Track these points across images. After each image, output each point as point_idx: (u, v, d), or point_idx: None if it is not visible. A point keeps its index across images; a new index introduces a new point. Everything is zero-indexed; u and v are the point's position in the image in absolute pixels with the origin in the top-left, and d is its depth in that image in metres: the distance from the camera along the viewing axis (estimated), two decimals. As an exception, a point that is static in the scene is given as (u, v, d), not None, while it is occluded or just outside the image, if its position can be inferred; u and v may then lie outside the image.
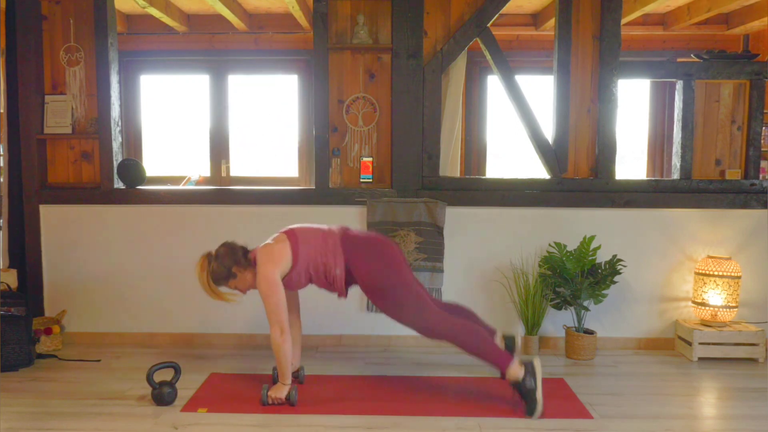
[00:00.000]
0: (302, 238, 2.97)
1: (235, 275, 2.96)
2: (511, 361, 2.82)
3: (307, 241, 2.96)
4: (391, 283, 2.93)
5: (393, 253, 2.99)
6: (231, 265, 2.94)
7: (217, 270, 2.94)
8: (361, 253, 2.96)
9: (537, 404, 2.77)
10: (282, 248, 2.94)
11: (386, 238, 3.12)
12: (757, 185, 3.80)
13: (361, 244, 2.99)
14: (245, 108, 6.12)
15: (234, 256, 2.96)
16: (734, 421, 2.82)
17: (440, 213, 3.74)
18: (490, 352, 2.87)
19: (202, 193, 3.94)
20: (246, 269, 2.96)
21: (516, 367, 2.81)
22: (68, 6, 3.85)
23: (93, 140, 3.90)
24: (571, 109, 3.83)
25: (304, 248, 2.95)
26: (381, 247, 2.99)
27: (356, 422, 2.75)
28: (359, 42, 3.77)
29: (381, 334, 3.85)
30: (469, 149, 5.92)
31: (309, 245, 2.96)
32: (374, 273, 2.94)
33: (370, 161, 3.85)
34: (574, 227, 3.79)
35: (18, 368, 3.41)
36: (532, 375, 2.80)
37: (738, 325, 3.73)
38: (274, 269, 2.89)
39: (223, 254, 2.95)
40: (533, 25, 5.61)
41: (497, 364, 2.85)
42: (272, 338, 2.86)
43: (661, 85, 5.90)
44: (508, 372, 2.82)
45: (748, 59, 3.83)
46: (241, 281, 2.99)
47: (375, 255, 2.96)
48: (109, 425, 2.72)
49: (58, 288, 3.91)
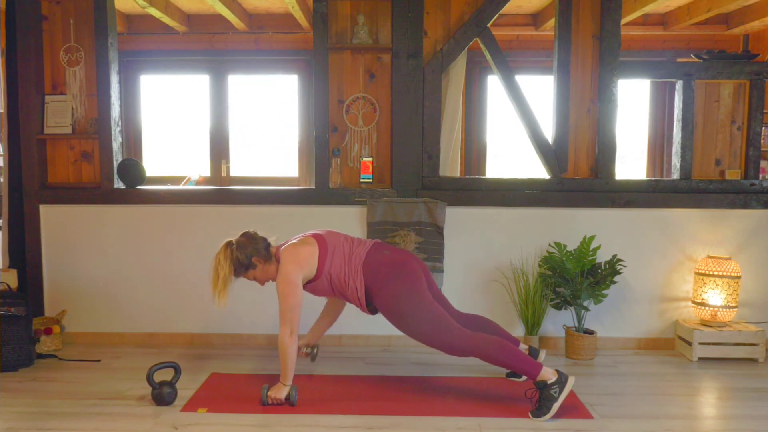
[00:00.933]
0: (330, 251, 2.95)
1: (255, 266, 2.95)
2: (541, 369, 2.80)
3: (333, 257, 2.95)
4: (409, 309, 2.90)
5: (413, 276, 2.94)
6: (252, 254, 2.93)
7: (238, 258, 2.91)
8: (381, 278, 2.92)
9: (548, 413, 2.76)
10: (310, 253, 2.92)
11: (409, 257, 3.05)
12: (757, 185, 3.80)
13: (382, 269, 2.94)
14: (245, 108, 6.12)
15: (255, 246, 2.95)
16: (734, 421, 2.82)
17: (440, 213, 3.74)
18: (518, 364, 2.85)
19: (202, 193, 3.94)
20: (267, 261, 2.96)
21: (547, 371, 2.80)
22: (68, 6, 3.85)
23: (93, 140, 3.90)
24: (571, 109, 3.83)
25: (330, 262, 2.94)
26: (401, 270, 2.94)
27: (356, 422, 2.75)
28: (359, 42, 3.77)
29: (381, 334, 3.85)
30: (469, 149, 5.93)
31: (335, 261, 2.95)
32: (392, 299, 2.91)
33: (370, 161, 3.85)
34: (574, 227, 3.79)
35: (18, 368, 3.41)
36: (560, 387, 2.78)
37: (738, 325, 3.73)
38: (298, 272, 2.88)
39: (244, 243, 2.94)
40: (533, 25, 5.61)
41: (527, 372, 2.83)
42: (281, 337, 2.85)
43: (661, 85, 5.90)
44: (540, 375, 2.80)
45: (748, 59, 3.83)
46: (260, 272, 2.98)
47: (393, 279, 2.92)
48: (109, 425, 2.72)
49: (58, 288, 3.91)
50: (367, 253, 2.99)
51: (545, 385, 2.79)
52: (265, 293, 3.85)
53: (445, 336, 2.88)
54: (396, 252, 3.04)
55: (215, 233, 3.82)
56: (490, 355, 2.87)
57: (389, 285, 2.91)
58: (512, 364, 2.87)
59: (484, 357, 2.88)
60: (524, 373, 2.84)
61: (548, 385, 2.78)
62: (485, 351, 2.87)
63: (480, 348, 2.87)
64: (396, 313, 2.93)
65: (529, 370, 2.82)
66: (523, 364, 2.83)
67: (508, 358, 2.86)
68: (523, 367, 2.83)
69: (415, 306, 2.90)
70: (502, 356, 2.86)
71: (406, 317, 2.92)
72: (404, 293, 2.91)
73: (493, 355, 2.86)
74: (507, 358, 2.86)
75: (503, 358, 2.86)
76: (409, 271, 2.95)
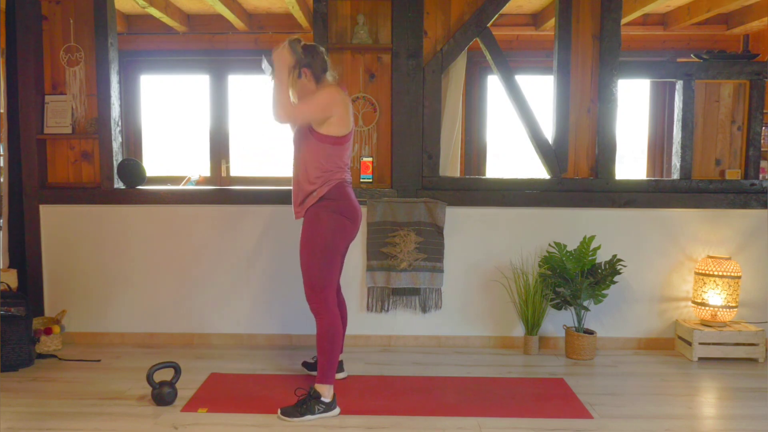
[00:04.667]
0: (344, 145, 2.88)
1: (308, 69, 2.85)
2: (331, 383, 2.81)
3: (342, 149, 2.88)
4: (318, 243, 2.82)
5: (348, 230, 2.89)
6: (310, 63, 2.84)
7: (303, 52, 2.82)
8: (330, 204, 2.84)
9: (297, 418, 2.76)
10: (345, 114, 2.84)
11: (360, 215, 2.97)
12: (757, 185, 3.80)
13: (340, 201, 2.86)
14: (245, 108, 6.12)
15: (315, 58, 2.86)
16: (734, 421, 2.82)
17: (440, 213, 3.74)
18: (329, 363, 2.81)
19: (202, 193, 3.93)
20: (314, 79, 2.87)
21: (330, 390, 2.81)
22: (68, 6, 3.85)
23: (93, 140, 3.90)
24: (571, 109, 3.83)
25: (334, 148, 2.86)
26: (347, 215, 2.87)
27: (356, 422, 2.75)
28: (359, 42, 3.77)
29: (381, 334, 3.85)
30: (469, 149, 5.92)
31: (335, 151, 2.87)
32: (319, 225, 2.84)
33: (370, 161, 3.85)
34: (574, 227, 3.79)
35: (18, 368, 3.41)
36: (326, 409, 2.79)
37: (738, 325, 3.74)
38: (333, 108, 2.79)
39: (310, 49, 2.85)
40: (533, 25, 5.60)
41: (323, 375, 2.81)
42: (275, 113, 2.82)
43: (661, 85, 5.90)
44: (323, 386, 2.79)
45: (748, 59, 3.83)
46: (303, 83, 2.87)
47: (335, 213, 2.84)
48: (109, 425, 2.72)
49: (58, 288, 3.91)
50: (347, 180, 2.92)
51: (317, 396, 2.78)
52: (265, 293, 3.85)
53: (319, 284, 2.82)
54: (356, 202, 2.95)
55: (215, 233, 3.83)
56: (325, 334, 2.81)
57: (327, 214, 2.83)
58: (326, 358, 2.81)
59: (320, 329, 2.82)
60: (321, 373, 2.81)
61: (319, 400, 2.78)
62: (327, 326, 2.81)
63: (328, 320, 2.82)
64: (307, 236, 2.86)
65: (325, 375, 2.81)
66: (331, 366, 2.82)
67: (328, 351, 2.81)
68: (328, 368, 2.81)
69: (325, 245, 2.81)
70: (329, 345, 2.81)
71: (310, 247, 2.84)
72: (330, 230, 2.82)
73: (326, 337, 2.81)
74: (329, 350, 2.81)
75: (328, 346, 2.81)
76: (352, 221, 2.89)
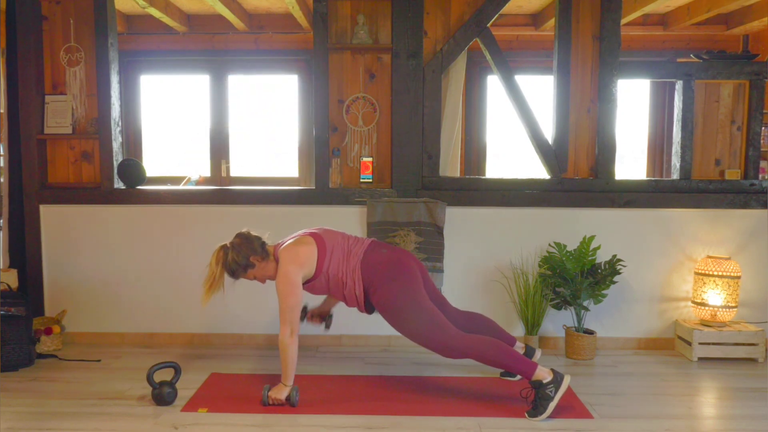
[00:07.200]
0: (329, 250, 2.96)
1: (253, 265, 2.96)
2: (536, 369, 2.80)
3: (332, 256, 2.96)
4: (405, 309, 2.90)
5: (410, 275, 2.95)
6: (249, 254, 2.93)
7: (236, 260, 2.92)
8: (378, 277, 2.93)
9: (544, 413, 2.76)
10: (309, 253, 2.93)
11: (406, 256, 3.05)
12: (757, 185, 3.80)
13: (380, 267, 2.94)
14: (245, 108, 6.12)
15: (251, 246, 2.95)
16: (734, 421, 2.82)
17: (440, 213, 3.74)
18: (513, 364, 2.85)
19: (202, 193, 3.94)
20: (265, 260, 2.97)
21: (543, 371, 2.80)
22: (68, 6, 3.85)
23: (93, 140, 3.90)
24: (571, 109, 3.83)
25: (328, 262, 2.95)
26: (398, 269, 2.95)
27: (356, 422, 2.75)
28: (359, 42, 3.77)
29: (381, 334, 3.85)
30: (469, 149, 5.93)
31: (333, 260, 2.96)
32: (389, 298, 2.91)
33: (370, 161, 3.85)
34: (574, 227, 3.79)
35: (18, 368, 3.41)
36: (556, 386, 2.78)
37: (738, 325, 3.73)
38: (298, 271, 2.88)
39: (239, 245, 2.95)
40: (533, 25, 5.61)
41: (522, 372, 2.83)
42: (281, 337, 2.84)
43: (661, 85, 5.90)
44: (534, 374, 2.80)
45: (747, 59, 3.83)
46: (260, 271, 2.98)
47: (391, 278, 2.92)
48: (109, 425, 2.72)
49: (58, 288, 3.91)
50: (365, 251, 2.99)
51: (541, 384, 2.79)
52: (264, 293, 3.85)
53: (440, 337, 2.88)
54: (393, 251, 3.04)
55: (215, 233, 3.82)
56: (485, 356, 2.87)
57: (386, 284, 2.91)
58: (507, 364, 2.87)
59: (478, 358, 2.88)
60: (519, 372, 2.84)
61: (544, 385, 2.78)
62: (479, 352, 2.87)
63: (474, 349, 2.87)
64: (393, 312, 2.93)
65: (523, 370, 2.82)
66: (518, 363, 2.83)
67: (502, 359, 2.86)
68: (517, 366, 2.83)
69: (411, 306, 2.90)
70: (497, 356, 2.86)
71: (402, 317, 2.92)
72: (401, 293, 2.91)
73: (488, 356, 2.87)
74: (501, 358, 2.86)
75: (498, 359, 2.86)
76: (406, 270, 2.96)
